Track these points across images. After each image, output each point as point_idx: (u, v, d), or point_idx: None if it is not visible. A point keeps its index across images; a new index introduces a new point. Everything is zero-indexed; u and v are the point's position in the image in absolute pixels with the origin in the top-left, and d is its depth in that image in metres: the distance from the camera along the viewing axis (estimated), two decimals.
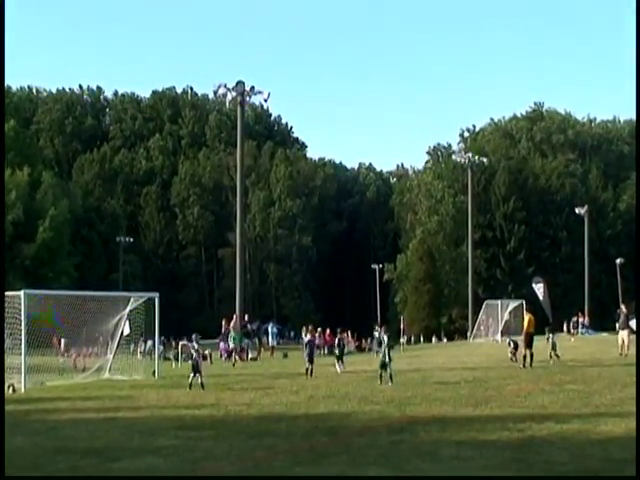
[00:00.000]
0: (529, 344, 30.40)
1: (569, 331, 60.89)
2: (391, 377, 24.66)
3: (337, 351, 33.54)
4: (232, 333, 38.98)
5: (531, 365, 29.73)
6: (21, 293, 28.39)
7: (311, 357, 30.32)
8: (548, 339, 33.74)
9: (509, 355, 34.05)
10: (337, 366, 31.71)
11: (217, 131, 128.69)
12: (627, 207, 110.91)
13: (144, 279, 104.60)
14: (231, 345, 39.65)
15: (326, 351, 51.95)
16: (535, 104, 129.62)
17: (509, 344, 35.01)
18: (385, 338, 26.48)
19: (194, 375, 25.97)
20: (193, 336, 28.55)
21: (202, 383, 25.70)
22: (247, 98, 56.86)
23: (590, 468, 10.66)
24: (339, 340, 34.74)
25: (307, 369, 29.61)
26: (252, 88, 55.61)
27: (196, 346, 27.39)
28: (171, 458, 12.66)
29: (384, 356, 25.33)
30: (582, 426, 14.70)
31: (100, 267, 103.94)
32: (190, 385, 25.61)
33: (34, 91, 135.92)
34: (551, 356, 32.26)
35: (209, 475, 11.23)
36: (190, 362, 26.84)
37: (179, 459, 12.56)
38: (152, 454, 13.05)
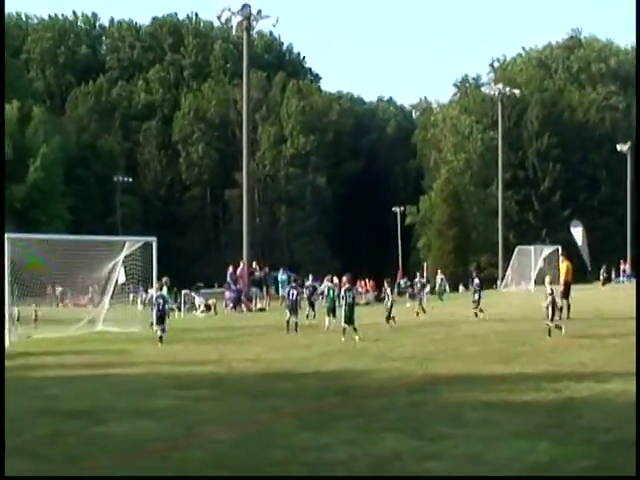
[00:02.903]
0: (566, 294, 29.87)
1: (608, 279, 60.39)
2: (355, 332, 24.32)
3: (327, 302, 30.25)
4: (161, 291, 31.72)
5: (568, 317, 29.24)
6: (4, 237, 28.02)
7: (293, 307, 28.78)
8: None
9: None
10: (326, 320, 29.07)
11: (222, 61, 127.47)
12: None
13: (144, 223, 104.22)
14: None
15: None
16: (572, 31, 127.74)
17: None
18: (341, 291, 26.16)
19: (160, 327, 25.59)
20: (164, 279, 28.09)
21: (160, 337, 25.26)
22: (254, 23, 56.10)
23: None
24: (329, 289, 31.35)
25: (287, 321, 28.23)
26: (259, 12, 54.86)
27: (156, 293, 26.84)
28: (164, 421, 12.37)
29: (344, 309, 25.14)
30: (626, 386, 14.18)
31: (96, 210, 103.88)
32: (161, 338, 25.22)
33: (23, 17, 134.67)
34: None
35: (205, 441, 10.80)
36: (154, 312, 26.28)
37: (172, 422, 12.26)
38: (143, 416, 12.79)
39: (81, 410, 13.46)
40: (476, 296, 33.92)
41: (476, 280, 36.40)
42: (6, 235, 28.63)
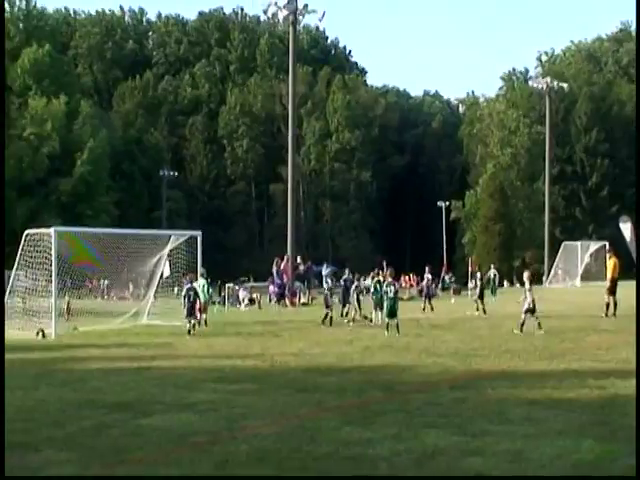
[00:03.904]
0: (613, 291, 29.60)
1: None
2: (397, 327, 24.38)
3: (375, 297, 29.15)
4: (201, 281, 31.26)
5: (614, 314, 28.97)
6: (51, 230, 28.35)
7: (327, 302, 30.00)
8: None
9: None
10: (373, 315, 29.34)
11: (268, 56, 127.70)
12: None
13: (189, 217, 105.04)
14: (201, 299, 29.90)
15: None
16: (622, 23, 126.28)
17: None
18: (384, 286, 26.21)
19: (189, 319, 26.16)
20: (201, 270, 28.35)
21: (189, 330, 25.88)
22: (300, 17, 56.19)
23: None
24: (376, 283, 29.78)
25: (326, 315, 29.26)
26: (305, 6, 54.97)
27: (189, 285, 27.30)
28: (207, 415, 12.41)
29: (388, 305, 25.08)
30: None
31: (142, 204, 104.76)
32: (189, 331, 25.86)
33: (71, 13, 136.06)
34: None
35: (248, 434, 10.84)
36: (185, 303, 26.79)
37: (216, 416, 12.30)
38: (187, 409, 12.84)
39: (125, 402, 13.56)
40: (477, 292, 35.28)
41: (478, 274, 38.11)
42: (53, 228, 29.04)
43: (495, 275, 50.76)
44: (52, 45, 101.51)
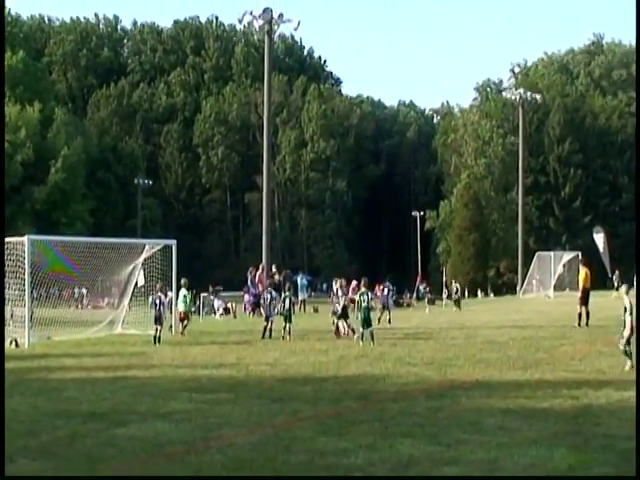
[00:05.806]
0: (585, 301, 29.76)
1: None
2: (372, 337, 24.31)
3: (338, 308, 28.26)
4: (182, 292, 31.67)
5: (587, 324, 29.13)
6: (25, 239, 28.15)
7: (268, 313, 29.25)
8: None
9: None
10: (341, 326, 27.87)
11: (244, 65, 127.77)
12: None
13: (164, 225, 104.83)
14: (180, 308, 31.41)
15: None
16: (594, 36, 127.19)
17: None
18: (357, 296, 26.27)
19: (156, 327, 26.56)
20: (183, 281, 29.31)
21: (159, 337, 26.34)
22: (275, 27, 56.19)
23: None
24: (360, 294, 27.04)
25: (264, 327, 28.35)
26: (280, 16, 54.98)
27: (162, 296, 28.02)
28: (183, 424, 12.40)
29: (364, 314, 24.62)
30: None
31: (117, 212, 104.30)
32: (155, 338, 26.40)
33: (46, 20, 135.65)
34: None
35: (223, 444, 10.84)
36: (153, 313, 27.49)
37: (191, 425, 12.30)
38: (162, 419, 12.83)
39: (100, 412, 13.53)
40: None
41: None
42: (26, 236, 28.81)
43: (457, 289, 51.19)
44: (26, 52, 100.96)
